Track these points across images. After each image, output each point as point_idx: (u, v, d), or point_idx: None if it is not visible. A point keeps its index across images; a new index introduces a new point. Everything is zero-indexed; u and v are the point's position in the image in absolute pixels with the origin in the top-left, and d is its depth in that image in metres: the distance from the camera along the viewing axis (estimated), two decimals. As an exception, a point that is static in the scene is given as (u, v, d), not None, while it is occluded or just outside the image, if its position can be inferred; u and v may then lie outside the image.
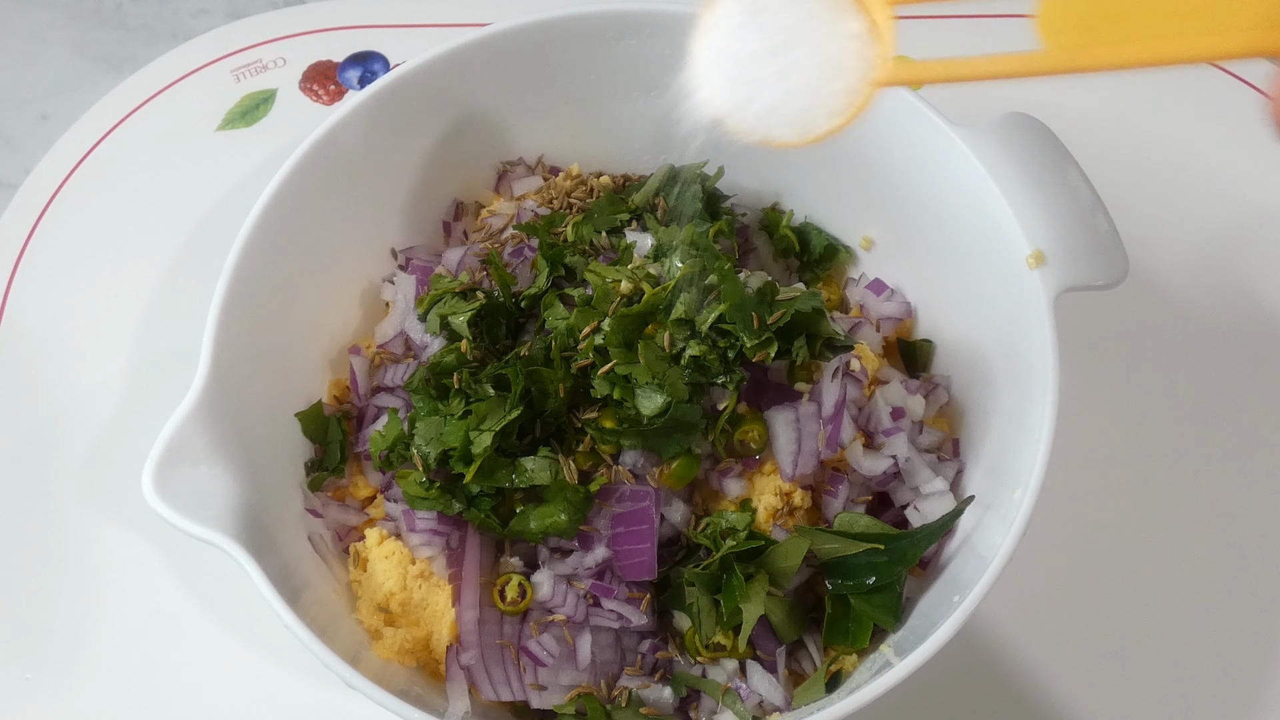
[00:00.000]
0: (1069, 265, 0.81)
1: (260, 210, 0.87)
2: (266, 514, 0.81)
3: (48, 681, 0.96)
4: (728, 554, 0.81)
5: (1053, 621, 0.97)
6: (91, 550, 1.01)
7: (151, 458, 0.75)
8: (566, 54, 0.97)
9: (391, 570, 0.84)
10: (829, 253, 1.03)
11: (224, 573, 0.77)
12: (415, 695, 0.79)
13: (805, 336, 0.82)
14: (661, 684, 0.84)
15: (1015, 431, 0.82)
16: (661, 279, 0.84)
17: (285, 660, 0.96)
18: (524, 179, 1.04)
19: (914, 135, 0.89)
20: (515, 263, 0.94)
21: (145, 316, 1.12)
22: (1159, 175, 1.17)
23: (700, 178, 0.98)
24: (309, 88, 1.26)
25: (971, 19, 1.27)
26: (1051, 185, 0.83)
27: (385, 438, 0.86)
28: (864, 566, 0.82)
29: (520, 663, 0.82)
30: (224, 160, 1.20)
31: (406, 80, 0.93)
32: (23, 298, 1.13)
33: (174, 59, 1.27)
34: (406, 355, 0.95)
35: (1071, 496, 0.99)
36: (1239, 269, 1.12)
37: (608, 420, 0.82)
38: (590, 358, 0.82)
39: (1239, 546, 1.00)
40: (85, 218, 1.18)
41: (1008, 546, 0.74)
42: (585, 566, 0.83)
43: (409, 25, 1.29)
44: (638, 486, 0.83)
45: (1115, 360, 1.07)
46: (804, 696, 0.81)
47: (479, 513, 0.82)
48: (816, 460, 0.84)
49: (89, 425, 1.06)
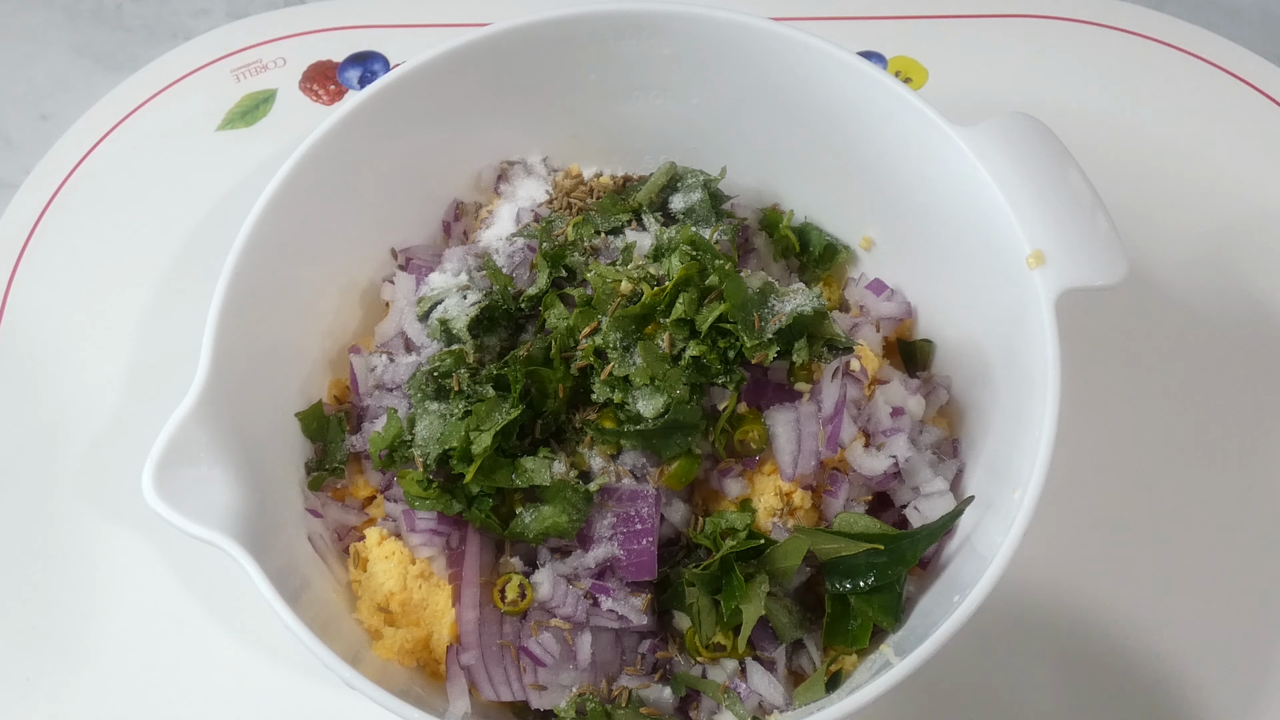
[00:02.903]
0: (1069, 265, 0.81)
1: (260, 210, 0.87)
2: (266, 514, 0.81)
3: (48, 681, 0.96)
4: (728, 554, 0.81)
5: (1053, 621, 0.97)
6: (91, 550, 1.01)
7: (151, 458, 0.75)
8: (566, 54, 0.97)
9: (391, 570, 0.84)
10: (829, 253, 1.03)
11: (224, 573, 0.77)
12: (415, 695, 0.79)
13: (806, 337, 0.82)
14: (661, 684, 0.84)
15: (1015, 431, 0.82)
16: (661, 279, 0.84)
17: (285, 660, 0.96)
18: (524, 179, 1.04)
19: (914, 135, 0.89)
20: (515, 263, 0.94)
21: (145, 316, 1.12)
22: (1159, 175, 1.17)
23: (703, 178, 0.98)
24: (309, 88, 1.26)
25: (971, 19, 1.27)
26: (1051, 185, 0.83)
27: (385, 438, 0.86)
28: (864, 566, 0.82)
29: (520, 663, 0.82)
30: (224, 160, 1.20)
31: (406, 80, 0.93)
32: (23, 298, 1.13)
33: (174, 59, 1.27)
34: (406, 355, 0.95)
35: (1071, 496, 0.99)
36: (1239, 269, 1.12)
37: (608, 421, 0.82)
38: (590, 359, 0.82)
39: (1239, 546, 1.00)
40: (85, 218, 1.18)
41: (1008, 546, 0.74)
42: (585, 566, 0.83)
43: (409, 25, 1.29)
44: (638, 486, 0.83)
45: (1115, 360, 1.07)
46: (804, 696, 0.81)
47: (479, 513, 0.82)
48: (816, 460, 0.84)
49: (89, 425, 1.06)
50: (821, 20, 1.27)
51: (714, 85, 0.99)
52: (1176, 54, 1.24)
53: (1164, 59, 1.24)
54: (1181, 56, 1.24)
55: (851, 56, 0.91)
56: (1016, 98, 1.20)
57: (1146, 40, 1.25)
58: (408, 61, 0.93)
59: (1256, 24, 1.32)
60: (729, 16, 0.93)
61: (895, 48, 1.25)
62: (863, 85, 0.91)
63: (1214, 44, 1.24)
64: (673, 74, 0.99)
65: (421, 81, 0.93)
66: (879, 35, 1.26)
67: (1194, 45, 1.24)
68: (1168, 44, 1.25)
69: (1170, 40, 1.25)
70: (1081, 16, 1.27)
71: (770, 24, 0.92)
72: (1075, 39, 1.26)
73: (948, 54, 1.25)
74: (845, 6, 1.28)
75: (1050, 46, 1.25)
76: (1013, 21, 1.27)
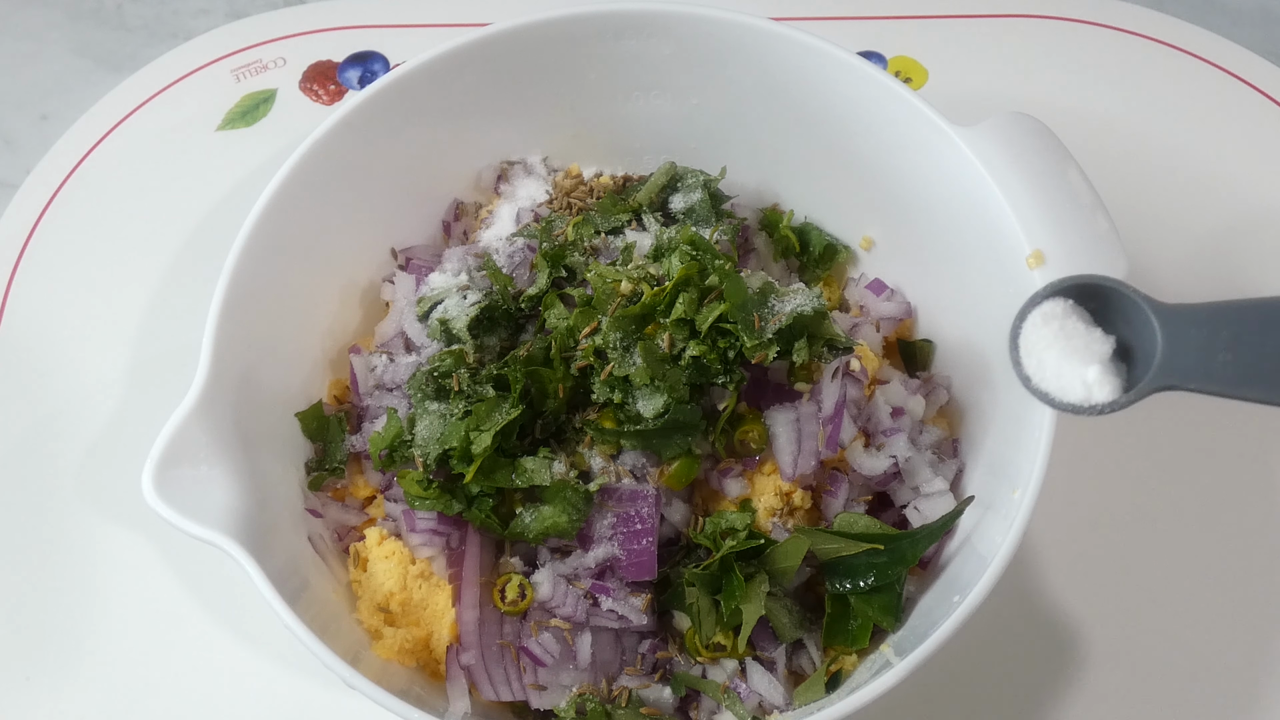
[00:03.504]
0: (1069, 265, 0.81)
1: (260, 210, 0.87)
2: (266, 514, 0.81)
3: (48, 681, 0.96)
4: (728, 554, 0.81)
5: (1053, 621, 0.97)
6: (91, 550, 1.01)
7: (151, 458, 0.75)
8: (566, 54, 0.97)
9: (391, 570, 0.84)
10: (829, 253, 1.03)
11: (224, 573, 0.77)
12: (415, 695, 0.79)
13: (806, 337, 0.82)
14: (661, 684, 0.84)
15: (1015, 431, 0.82)
16: (661, 279, 0.84)
17: (285, 660, 0.96)
18: (524, 179, 1.04)
19: (914, 135, 0.89)
20: (515, 263, 0.94)
21: (145, 316, 1.12)
22: (1159, 175, 1.17)
23: (703, 178, 0.98)
24: (309, 88, 1.26)
25: (971, 19, 1.27)
26: (1051, 185, 0.83)
27: (385, 438, 0.86)
28: (864, 566, 0.82)
29: (520, 663, 0.82)
30: (224, 160, 1.20)
31: (406, 80, 0.93)
32: (23, 298, 1.13)
33: (174, 59, 1.27)
34: (406, 355, 0.95)
35: (1071, 496, 0.99)
36: (1239, 269, 1.12)
37: (607, 421, 0.82)
38: (590, 359, 0.82)
39: (1239, 546, 1.00)
40: (85, 218, 1.18)
41: (1008, 546, 0.74)
42: (585, 566, 0.83)
43: (409, 25, 1.29)
44: (638, 486, 0.83)
45: (1115, 360, 1.07)
46: (804, 696, 0.81)
47: (479, 513, 0.82)
48: (816, 460, 0.84)
49: (89, 425, 1.06)
50: (821, 20, 1.27)
51: (714, 85, 0.99)
52: (1176, 54, 1.24)
53: (1164, 59, 1.24)
54: (1181, 56, 1.24)
55: (852, 56, 0.91)
56: (1016, 98, 1.20)
57: (1146, 40, 1.25)
58: (408, 61, 0.93)
59: (1256, 24, 1.32)
60: (729, 16, 0.93)
61: (895, 48, 1.25)
62: (863, 85, 0.91)
63: (1214, 44, 1.24)
64: (673, 74, 0.99)
65: (421, 81, 0.93)
66: (879, 35, 1.26)
67: (1194, 45, 1.24)
68: (1168, 44, 1.25)
69: (1170, 40, 1.25)
70: (1081, 16, 1.27)
71: (770, 24, 0.92)
72: (1075, 39, 1.26)
73: (948, 54, 1.25)
74: (845, 6, 1.28)
75: (1050, 46, 1.25)
76: (1013, 21, 1.27)
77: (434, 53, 0.93)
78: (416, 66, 0.93)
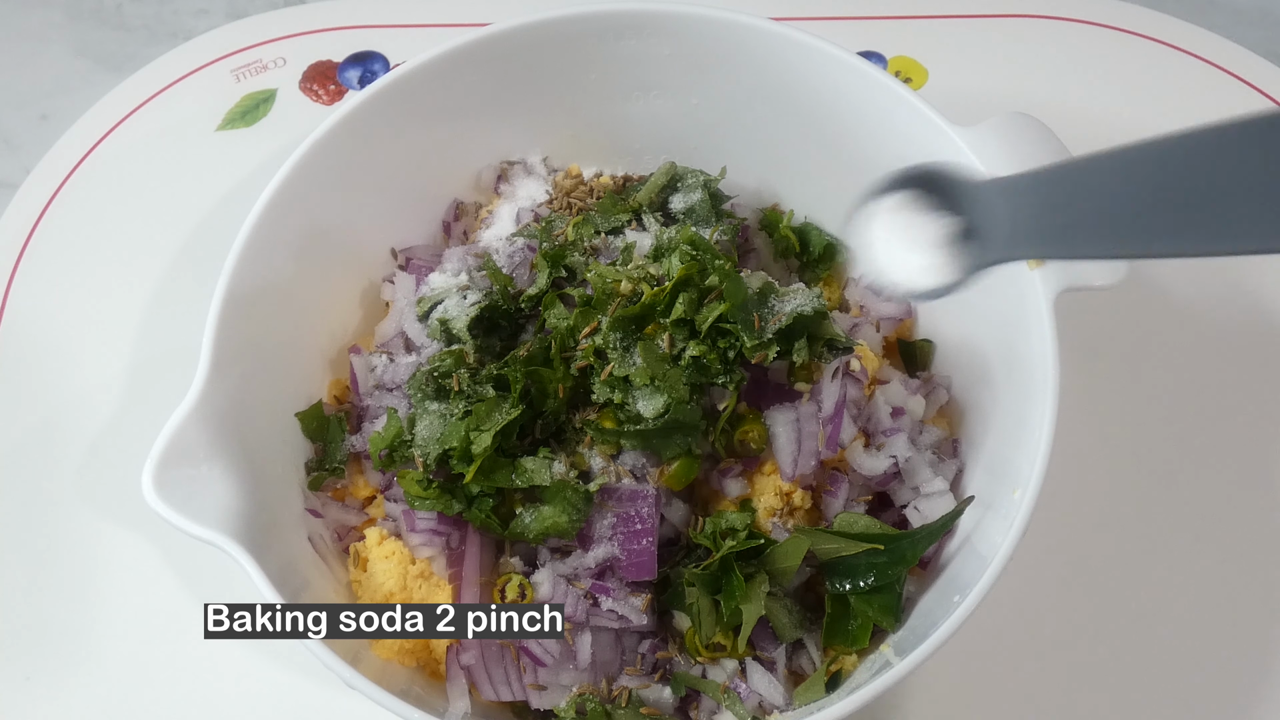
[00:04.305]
0: (1069, 265, 0.81)
1: (260, 210, 0.87)
2: (266, 514, 0.81)
3: (48, 681, 0.96)
4: (728, 554, 0.81)
5: (1053, 621, 0.97)
6: (91, 550, 1.01)
7: (151, 458, 0.75)
8: (566, 54, 0.97)
9: (391, 570, 0.84)
10: (829, 253, 1.03)
11: (224, 573, 0.77)
12: (415, 695, 0.79)
13: (806, 337, 0.82)
14: (661, 684, 0.84)
15: (1015, 431, 0.82)
16: (661, 279, 0.84)
17: (285, 660, 0.96)
18: (524, 179, 1.04)
19: (914, 135, 0.89)
20: (515, 263, 0.94)
21: (145, 316, 1.12)
22: (1159, 175, 1.17)
23: (703, 178, 0.98)
24: (309, 88, 1.26)
25: (971, 19, 1.27)
26: (1051, 185, 0.83)
27: (385, 438, 0.86)
28: (864, 566, 0.82)
29: (520, 663, 0.82)
30: (224, 160, 1.20)
31: (406, 80, 0.93)
32: (23, 297, 1.13)
33: (174, 59, 1.27)
34: (406, 355, 0.95)
35: (1071, 496, 0.99)
36: (1239, 269, 1.12)
37: (607, 421, 0.82)
38: (590, 359, 0.82)
39: (1240, 546, 1.00)
40: (85, 218, 1.18)
41: (1008, 546, 0.74)
42: (585, 566, 0.83)
43: (409, 25, 1.29)
44: (638, 486, 0.83)
45: (1115, 360, 1.07)
46: (804, 696, 0.81)
47: (479, 513, 0.82)
48: (816, 460, 0.84)
49: (89, 425, 1.06)
50: (821, 20, 1.27)
51: (714, 85, 0.99)
52: (1176, 54, 1.24)
53: (1164, 59, 1.24)
54: (1181, 56, 1.24)
55: (851, 56, 0.91)
56: (1016, 98, 1.20)
57: (1146, 40, 1.25)
58: (408, 61, 0.93)
59: (1256, 24, 1.32)
60: (729, 16, 0.93)
61: (895, 48, 1.25)
62: (863, 85, 0.91)
63: (1214, 44, 1.24)
64: (673, 74, 0.99)
65: (421, 81, 0.93)
66: (879, 35, 1.26)
67: (1194, 45, 1.24)
68: (1168, 44, 1.25)
69: (1170, 40, 1.25)
70: (1082, 16, 1.27)
71: (770, 24, 0.92)
72: (1075, 39, 1.26)
73: (948, 54, 1.25)
74: (845, 6, 1.28)
75: (1050, 46, 1.25)
76: (1013, 21, 1.27)
77: (434, 53, 0.93)
78: (416, 66, 0.93)
